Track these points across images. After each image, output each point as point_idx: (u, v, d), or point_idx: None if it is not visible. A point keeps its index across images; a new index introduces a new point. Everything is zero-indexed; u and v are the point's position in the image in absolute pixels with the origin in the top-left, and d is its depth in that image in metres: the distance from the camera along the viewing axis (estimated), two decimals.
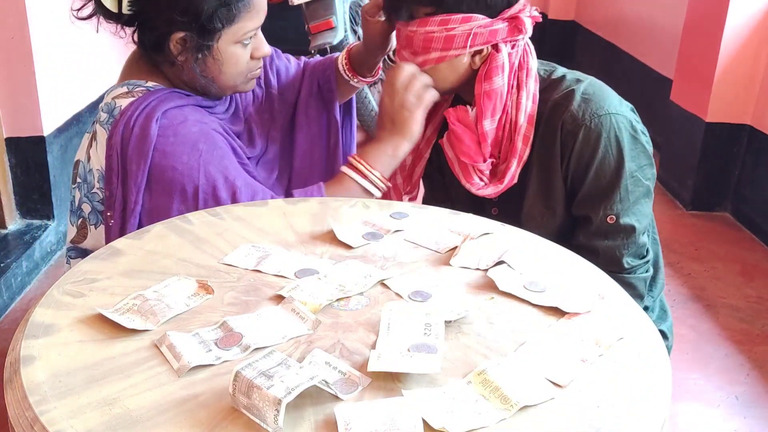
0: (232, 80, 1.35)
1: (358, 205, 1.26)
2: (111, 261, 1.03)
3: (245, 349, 0.84)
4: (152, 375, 0.80)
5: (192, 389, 0.78)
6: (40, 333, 0.86)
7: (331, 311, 0.93)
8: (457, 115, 1.35)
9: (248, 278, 1.01)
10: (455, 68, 1.33)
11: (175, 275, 0.99)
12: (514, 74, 1.33)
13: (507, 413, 0.75)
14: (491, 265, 1.05)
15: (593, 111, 1.30)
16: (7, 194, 2.58)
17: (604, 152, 1.31)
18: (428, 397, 0.77)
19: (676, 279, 2.60)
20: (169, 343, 0.84)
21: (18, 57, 2.43)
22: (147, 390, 0.77)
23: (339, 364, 0.81)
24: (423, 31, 1.29)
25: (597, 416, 0.76)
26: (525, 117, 1.33)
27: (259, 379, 0.73)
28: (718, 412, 1.95)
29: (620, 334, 0.90)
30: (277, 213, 1.22)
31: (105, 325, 0.88)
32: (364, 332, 0.89)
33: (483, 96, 1.32)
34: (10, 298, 2.38)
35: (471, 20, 1.28)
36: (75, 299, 0.93)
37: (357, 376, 0.80)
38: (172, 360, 0.82)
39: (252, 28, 1.31)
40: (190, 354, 0.82)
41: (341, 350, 0.85)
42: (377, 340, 0.86)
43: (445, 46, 1.29)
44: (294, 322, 0.90)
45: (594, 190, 1.33)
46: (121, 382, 0.78)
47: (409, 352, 0.83)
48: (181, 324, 0.89)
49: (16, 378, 0.79)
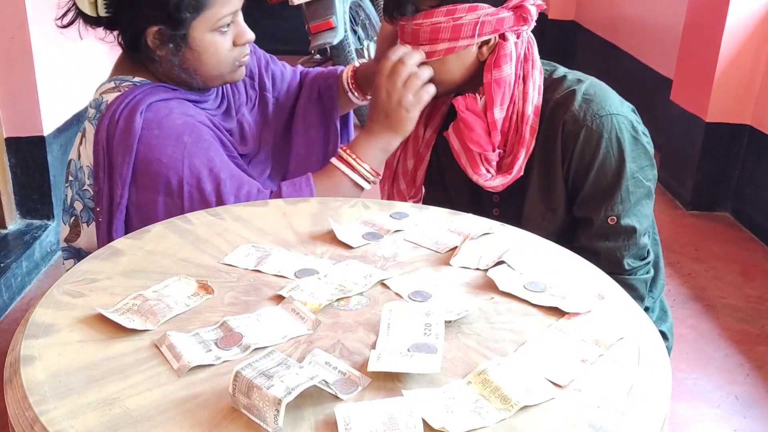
0: (216, 70, 1.33)
1: (358, 205, 1.26)
2: (111, 261, 1.03)
3: (245, 349, 0.84)
4: (152, 375, 0.80)
5: (192, 389, 0.78)
6: (41, 333, 0.86)
7: (331, 311, 0.93)
8: (467, 103, 1.34)
9: (248, 278, 1.00)
10: (463, 60, 1.32)
11: (175, 275, 0.99)
12: (520, 65, 1.33)
13: (507, 413, 0.75)
14: (491, 265, 1.05)
15: (594, 111, 1.30)
16: (7, 194, 2.58)
17: (605, 153, 1.31)
18: (428, 397, 0.77)
19: (676, 279, 2.60)
20: (169, 343, 0.84)
21: (18, 57, 2.43)
22: (147, 390, 0.77)
23: (339, 364, 0.81)
24: (429, 22, 1.28)
25: (597, 416, 0.76)
26: (532, 108, 1.33)
27: (259, 379, 0.73)
28: (718, 412, 1.94)
29: (620, 335, 0.90)
30: (277, 213, 1.22)
31: (105, 325, 0.88)
32: (364, 332, 0.89)
33: (493, 84, 1.31)
34: (10, 298, 2.38)
35: (477, 9, 1.27)
36: (75, 299, 0.93)
37: (357, 376, 0.80)
38: (172, 360, 0.82)
39: (226, 14, 1.29)
40: (190, 354, 0.82)
41: (341, 350, 0.85)
42: (377, 340, 0.86)
43: (453, 36, 1.29)
44: (294, 322, 0.90)
45: (595, 191, 1.33)
46: (121, 382, 0.78)
47: (409, 352, 0.83)
48: (181, 324, 0.89)
49: (16, 378, 0.79)
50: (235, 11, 1.30)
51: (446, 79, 1.35)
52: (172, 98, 1.33)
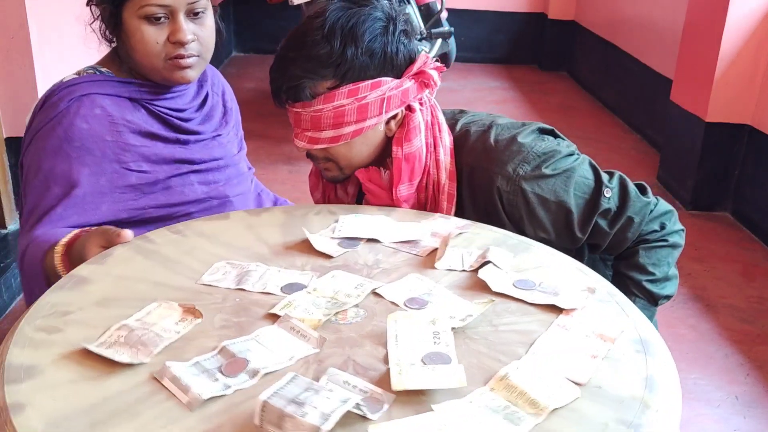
0: (148, 60, 1.28)
1: (324, 211, 1.23)
2: (79, 290, 0.95)
3: (254, 375, 0.80)
4: (161, 412, 0.74)
5: (210, 423, 0.73)
6: (23, 376, 0.78)
7: (330, 326, 0.90)
8: (369, 176, 1.27)
9: (233, 298, 0.95)
10: (370, 140, 1.24)
11: (154, 301, 0.93)
12: (429, 132, 1.26)
13: (540, 418, 0.74)
14: (476, 266, 1.04)
15: (515, 176, 1.22)
16: (7, 194, 2.50)
17: (547, 213, 1.25)
18: (459, 410, 0.75)
19: None
20: (171, 375, 0.78)
21: (18, 57, 2.39)
22: (161, 428, 0.72)
23: (358, 383, 0.78)
24: (331, 106, 1.20)
25: (624, 412, 0.76)
26: (446, 174, 1.26)
27: (290, 407, 0.69)
28: (718, 412, 1.92)
29: (620, 327, 0.91)
30: (242, 225, 1.16)
31: (92, 361, 0.81)
32: (371, 346, 0.86)
33: (402, 160, 1.23)
34: (10, 298, 2.31)
35: (381, 84, 1.20)
36: (51, 335, 0.86)
37: (380, 394, 0.77)
38: (178, 393, 0.76)
39: (152, 4, 1.24)
40: (197, 385, 0.77)
41: (354, 367, 0.82)
42: (388, 353, 0.83)
43: (359, 117, 1.20)
44: (296, 342, 0.86)
45: (568, 234, 1.27)
46: (130, 423, 0.72)
47: (426, 365, 0.81)
48: (176, 353, 0.84)
49: (8, 429, 0.72)
50: (169, 7, 1.25)
51: (354, 162, 1.27)
52: (112, 95, 1.31)
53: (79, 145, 1.26)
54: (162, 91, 1.35)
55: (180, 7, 1.26)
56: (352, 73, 1.19)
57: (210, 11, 1.32)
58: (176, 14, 1.26)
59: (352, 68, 1.19)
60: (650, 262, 1.29)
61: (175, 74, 1.30)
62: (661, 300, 1.31)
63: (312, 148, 1.26)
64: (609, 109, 4.48)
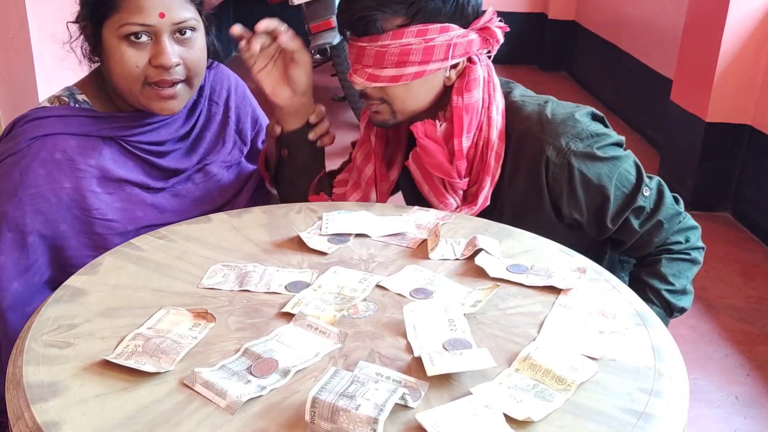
0: (125, 84, 1.21)
1: (304, 209, 1.23)
2: (78, 302, 0.93)
3: (285, 374, 0.80)
4: (202, 418, 0.74)
5: (255, 425, 0.73)
6: (47, 394, 0.76)
7: (345, 321, 0.91)
8: (426, 130, 1.25)
9: (240, 300, 0.95)
10: (430, 84, 1.24)
11: (161, 308, 0.92)
12: (485, 89, 1.26)
13: (569, 393, 0.78)
14: (467, 254, 1.07)
15: (566, 149, 1.23)
16: None
17: (586, 195, 1.26)
18: (494, 391, 0.78)
19: None
20: (203, 380, 0.78)
21: (18, 57, 2.34)
22: None
23: (390, 374, 0.80)
24: (398, 44, 1.19)
25: (643, 381, 0.81)
26: (497, 133, 1.25)
27: (342, 401, 0.70)
28: (718, 412, 1.94)
29: (617, 302, 0.96)
30: (226, 227, 1.15)
31: (114, 373, 0.79)
32: (391, 337, 0.88)
33: (462, 110, 1.23)
34: None
35: (449, 30, 1.20)
36: (63, 350, 0.83)
37: (413, 382, 0.79)
38: (215, 398, 0.76)
39: (132, 23, 1.17)
40: (233, 389, 0.76)
41: (380, 358, 0.84)
42: (410, 343, 0.85)
43: (424, 59, 1.20)
44: (318, 338, 0.86)
45: (605, 225, 1.29)
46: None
47: (448, 351, 0.83)
48: (199, 358, 0.83)
49: None
50: (150, 27, 1.18)
51: (410, 106, 1.25)
52: (81, 134, 1.23)
53: (34, 192, 1.18)
54: (141, 122, 1.27)
55: (164, 27, 1.18)
56: (424, 13, 1.19)
57: (201, 31, 1.24)
58: (160, 35, 1.18)
59: (424, 9, 1.19)
60: (671, 273, 1.32)
61: (155, 104, 1.22)
62: (676, 312, 1.34)
63: (370, 86, 1.24)
64: (609, 109, 4.43)
